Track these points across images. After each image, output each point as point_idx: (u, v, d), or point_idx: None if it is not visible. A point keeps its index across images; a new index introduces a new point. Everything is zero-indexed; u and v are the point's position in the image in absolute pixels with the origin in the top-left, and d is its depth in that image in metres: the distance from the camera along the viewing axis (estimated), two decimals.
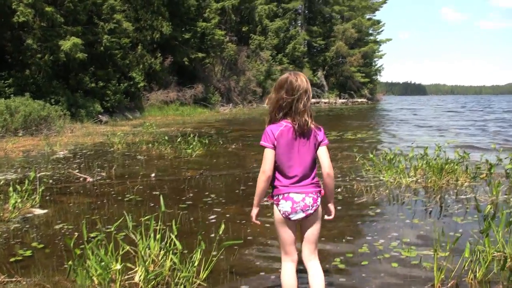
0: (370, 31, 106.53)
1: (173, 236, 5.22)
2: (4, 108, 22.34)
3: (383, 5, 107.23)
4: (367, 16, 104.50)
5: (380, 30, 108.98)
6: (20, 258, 6.19)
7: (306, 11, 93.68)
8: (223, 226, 5.12)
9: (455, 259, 5.59)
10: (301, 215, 4.26)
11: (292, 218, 4.26)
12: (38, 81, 30.41)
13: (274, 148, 4.19)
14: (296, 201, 4.21)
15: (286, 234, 4.37)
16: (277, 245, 6.63)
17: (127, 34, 40.36)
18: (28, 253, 6.38)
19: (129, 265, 5.25)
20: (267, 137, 4.22)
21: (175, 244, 5.18)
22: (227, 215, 8.22)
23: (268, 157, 4.21)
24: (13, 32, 29.86)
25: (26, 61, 30.15)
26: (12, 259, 6.11)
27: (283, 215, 4.27)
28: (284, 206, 4.23)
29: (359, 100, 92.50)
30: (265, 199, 4.59)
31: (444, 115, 47.60)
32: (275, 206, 4.32)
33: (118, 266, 4.80)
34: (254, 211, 4.46)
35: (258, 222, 4.57)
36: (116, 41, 37.19)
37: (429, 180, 10.63)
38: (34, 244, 6.75)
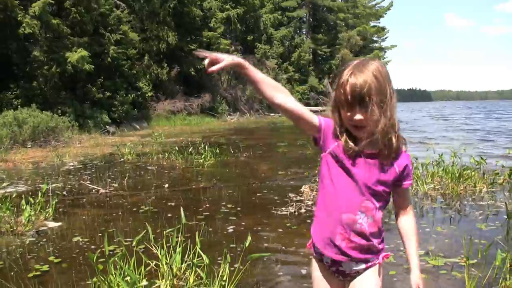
0: (375, 38, 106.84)
1: (198, 249, 5.06)
2: (12, 120, 22.29)
3: (387, 11, 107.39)
4: (372, 23, 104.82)
5: (385, 37, 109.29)
6: (38, 273, 6.03)
7: (311, 19, 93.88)
8: (249, 238, 4.94)
9: (482, 267, 5.47)
10: None
11: None
12: (45, 92, 30.40)
13: None
14: None
15: None
16: (301, 254, 6.54)
17: (133, 44, 40.41)
18: (45, 268, 6.22)
19: (157, 282, 5.10)
20: None
21: (197, 257, 5.03)
22: (245, 225, 8.09)
23: None
24: (19, 44, 29.81)
25: (33, 72, 30.12)
26: (30, 275, 5.96)
27: None
28: None
29: None
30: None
31: None
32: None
33: (145, 282, 4.63)
34: None
35: None
36: (123, 51, 37.22)
37: (447, 187, 10.53)
38: (50, 258, 6.59)
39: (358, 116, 2.70)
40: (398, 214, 3.08)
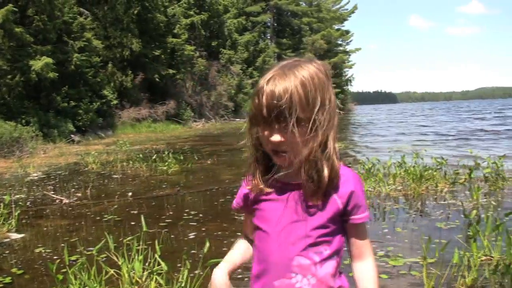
0: (339, 42, 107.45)
1: (157, 257, 5.10)
2: None
3: (351, 15, 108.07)
4: (336, 27, 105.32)
5: (349, 40, 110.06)
6: (0, 285, 6.03)
7: (275, 24, 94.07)
8: (208, 244, 4.98)
9: (443, 265, 5.55)
10: None
11: None
12: (8, 102, 30.11)
13: None
14: None
15: None
16: None
17: (97, 52, 40.23)
18: (8, 280, 6.22)
19: None
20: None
21: (158, 264, 5.08)
22: (207, 231, 8.13)
23: None
24: None
25: None
26: None
27: None
28: None
29: None
30: None
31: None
32: None
33: None
34: None
35: None
36: (87, 59, 37.04)
37: (409, 188, 10.71)
38: (13, 270, 6.59)
39: (276, 137, 2.03)
40: (353, 260, 2.24)
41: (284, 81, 2.00)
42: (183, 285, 4.97)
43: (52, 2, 32.77)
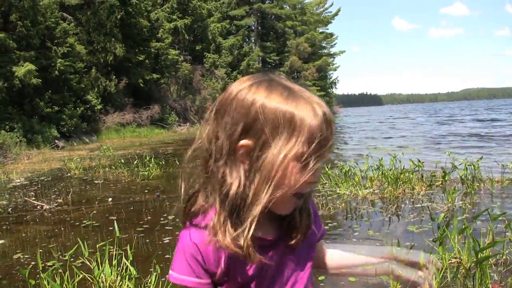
0: (324, 44, 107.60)
1: (127, 262, 5.21)
2: None
3: (335, 17, 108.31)
4: (320, 30, 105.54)
5: (334, 43, 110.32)
6: None
7: (259, 28, 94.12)
8: None
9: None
10: None
11: None
12: None
13: None
14: None
15: None
16: None
17: (80, 57, 40.21)
18: None
19: None
20: None
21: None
22: None
23: None
24: None
25: None
26: None
27: None
28: None
29: None
30: None
31: None
32: None
33: None
34: None
35: None
36: (70, 64, 37.01)
37: (386, 191, 10.71)
38: None
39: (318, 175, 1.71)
40: (324, 259, 2.17)
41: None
42: None
43: (35, 7, 32.77)
